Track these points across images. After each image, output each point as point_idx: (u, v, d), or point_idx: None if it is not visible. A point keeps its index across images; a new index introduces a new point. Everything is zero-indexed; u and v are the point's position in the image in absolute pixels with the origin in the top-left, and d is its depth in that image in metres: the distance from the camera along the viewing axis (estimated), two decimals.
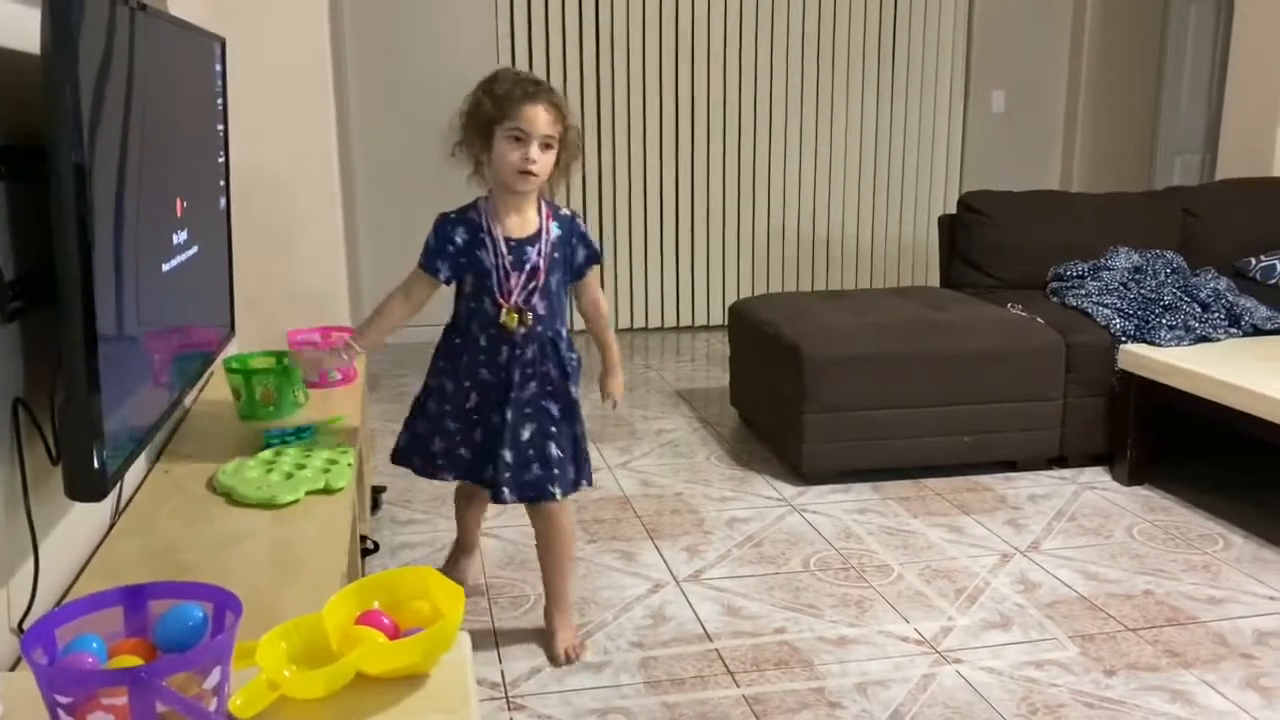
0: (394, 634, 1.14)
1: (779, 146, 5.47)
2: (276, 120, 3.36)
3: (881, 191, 5.65)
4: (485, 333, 2.16)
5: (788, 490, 3.26)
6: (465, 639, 1.21)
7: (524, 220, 2.13)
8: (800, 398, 3.23)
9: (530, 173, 2.03)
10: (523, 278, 2.12)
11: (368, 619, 1.15)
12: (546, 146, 2.03)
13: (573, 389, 2.29)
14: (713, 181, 5.44)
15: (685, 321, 5.58)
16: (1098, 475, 3.35)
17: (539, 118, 2.00)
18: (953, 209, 4.23)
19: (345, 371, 2.70)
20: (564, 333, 2.24)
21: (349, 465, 2.07)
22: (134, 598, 1.08)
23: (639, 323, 5.53)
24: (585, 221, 2.26)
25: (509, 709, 2.10)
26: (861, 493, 3.23)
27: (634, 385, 4.50)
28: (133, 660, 1.01)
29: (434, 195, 5.09)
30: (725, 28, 5.30)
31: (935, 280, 4.83)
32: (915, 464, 3.33)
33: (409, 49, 5.02)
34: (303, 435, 2.24)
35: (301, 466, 2.05)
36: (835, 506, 3.13)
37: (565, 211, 2.20)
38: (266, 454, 2.11)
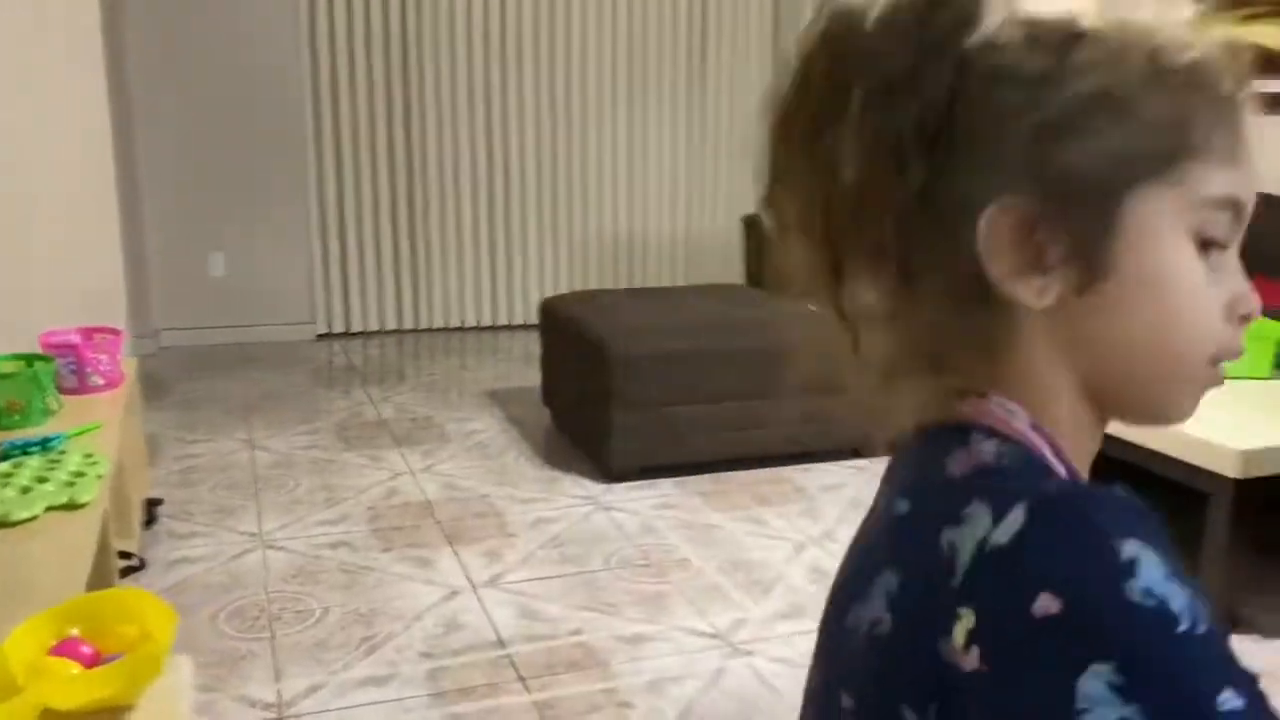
0: (93, 663, 1.03)
1: (592, 146, 5.45)
2: (35, 98, 3.09)
3: (696, 189, 5.70)
4: None
5: (595, 489, 3.23)
6: (184, 664, 1.11)
7: None
8: (607, 395, 3.21)
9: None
10: None
11: (64, 648, 1.04)
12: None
13: None
14: (528, 179, 5.37)
15: (502, 320, 5.48)
16: None
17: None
18: None
19: (109, 376, 2.51)
20: None
21: (99, 477, 1.91)
22: None
23: (454, 322, 5.40)
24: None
25: None
26: (666, 488, 3.23)
27: (446, 386, 4.39)
28: None
29: (229, 187, 4.85)
30: (536, 24, 5.23)
31: (740, 278, 4.91)
32: (718, 458, 3.36)
33: (198, 25, 4.73)
34: (50, 445, 2.05)
35: (43, 480, 1.87)
36: (640, 503, 3.12)
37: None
38: (4, 466, 1.92)
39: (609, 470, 3.29)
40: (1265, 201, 2.85)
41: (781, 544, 2.84)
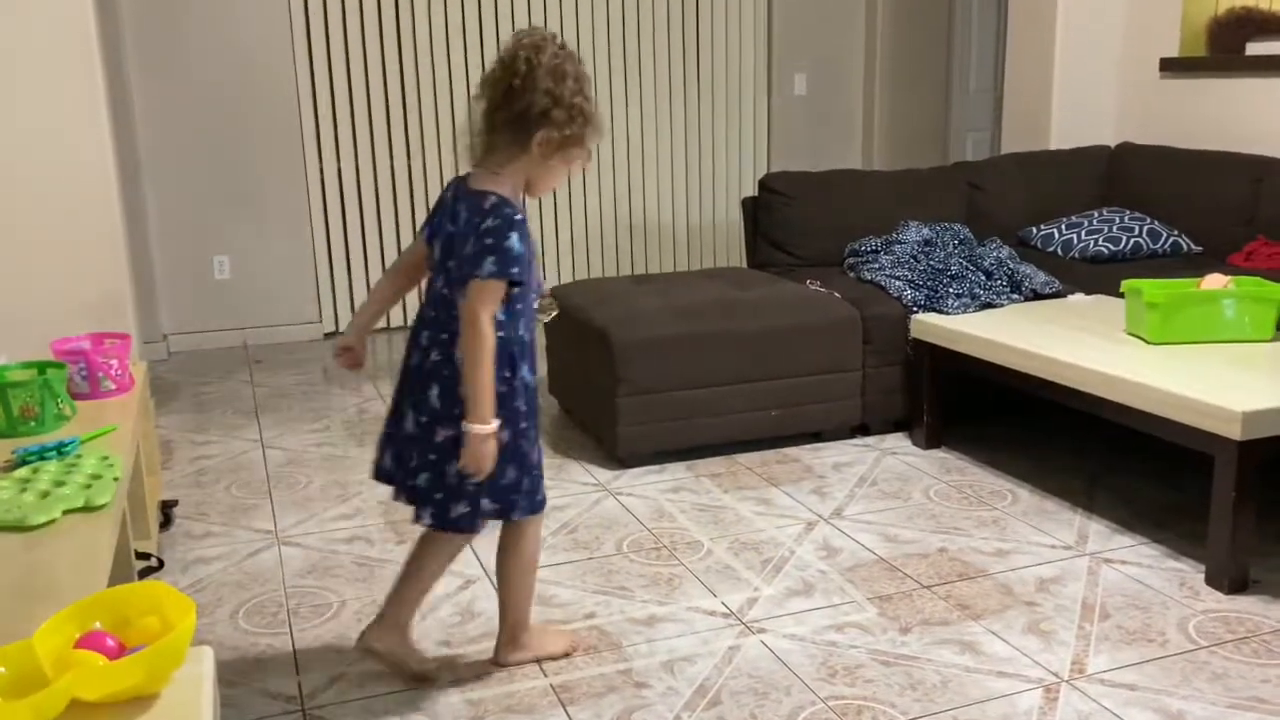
0: (118, 655, 1.06)
1: None
2: (29, 107, 3.11)
3: (694, 175, 5.72)
4: None
5: (604, 475, 3.26)
6: (205, 653, 1.13)
7: None
8: (612, 382, 3.23)
9: None
10: None
11: (89, 641, 1.07)
12: None
13: None
14: None
15: None
16: (898, 441, 3.49)
17: None
18: None
19: (120, 381, 2.54)
20: None
21: (115, 479, 1.93)
22: None
23: None
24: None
25: None
26: (676, 472, 3.26)
27: None
28: None
29: (231, 190, 4.88)
30: (529, 12, 5.24)
31: (743, 261, 4.92)
32: (727, 440, 3.38)
33: (192, 28, 4.75)
34: (65, 450, 2.08)
35: (61, 484, 1.89)
36: (650, 488, 3.14)
37: None
38: (22, 472, 1.95)
39: (617, 456, 3.31)
40: (1267, 166, 2.87)
41: (792, 523, 2.87)
